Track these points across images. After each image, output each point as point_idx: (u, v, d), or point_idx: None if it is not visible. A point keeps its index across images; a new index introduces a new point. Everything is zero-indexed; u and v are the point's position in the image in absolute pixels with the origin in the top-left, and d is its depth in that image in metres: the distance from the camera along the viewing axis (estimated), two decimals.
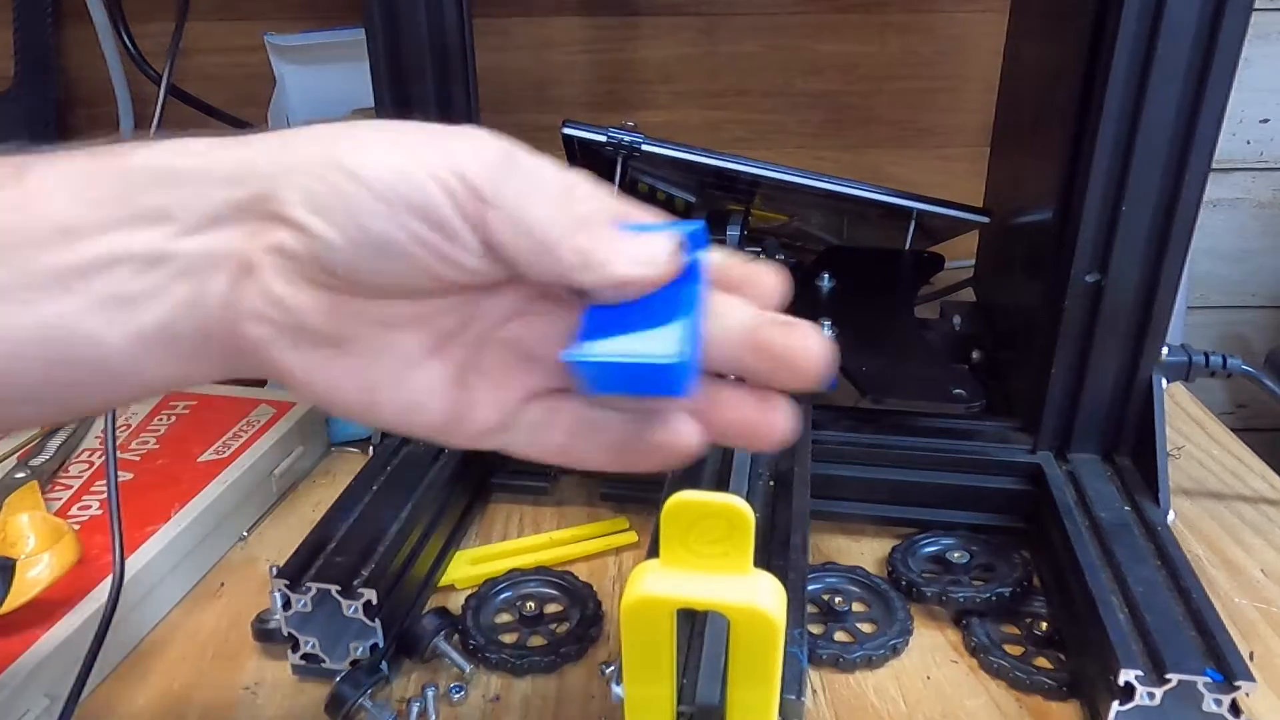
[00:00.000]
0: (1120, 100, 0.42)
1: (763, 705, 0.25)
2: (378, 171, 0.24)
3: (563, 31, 0.86)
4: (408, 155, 0.24)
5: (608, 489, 0.54)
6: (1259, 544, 0.50)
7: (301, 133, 0.26)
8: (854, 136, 0.90)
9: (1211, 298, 0.98)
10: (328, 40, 0.79)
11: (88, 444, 0.56)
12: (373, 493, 0.47)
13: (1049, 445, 0.50)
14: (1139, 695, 0.34)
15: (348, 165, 0.24)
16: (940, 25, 0.86)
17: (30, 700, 0.38)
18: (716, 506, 0.22)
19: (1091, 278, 0.46)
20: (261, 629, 0.42)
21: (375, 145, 0.25)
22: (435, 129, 0.26)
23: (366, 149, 0.25)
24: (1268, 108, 0.90)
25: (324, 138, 0.25)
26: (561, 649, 0.42)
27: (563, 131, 0.59)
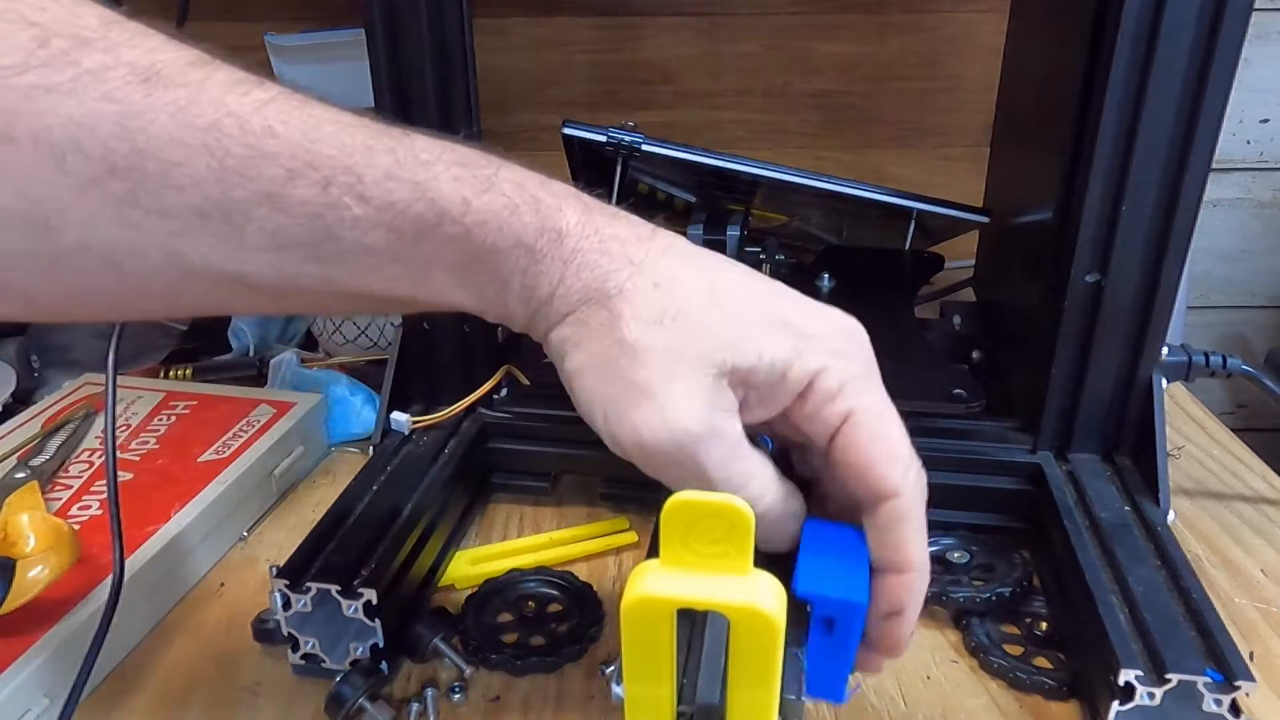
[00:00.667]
0: (1120, 100, 0.42)
1: (763, 705, 0.25)
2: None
3: (563, 31, 0.86)
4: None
5: (608, 489, 0.54)
6: (1259, 544, 0.50)
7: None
8: (854, 136, 0.90)
9: (1211, 298, 0.98)
10: (328, 40, 0.79)
11: (88, 444, 0.56)
12: (373, 493, 0.47)
13: (1049, 445, 0.50)
14: (1139, 695, 0.34)
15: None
16: (940, 25, 0.86)
17: (30, 700, 0.38)
18: (716, 506, 0.22)
19: (1091, 278, 0.46)
20: (261, 629, 0.42)
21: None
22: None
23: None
24: (1268, 108, 0.90)
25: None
26: (561, 649, 0.42)
27: (563, 131, 0.59)
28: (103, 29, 0.25)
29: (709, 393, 0.28)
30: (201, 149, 0.25)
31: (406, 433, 0.52)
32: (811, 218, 0.74)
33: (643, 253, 0.29)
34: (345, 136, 0.27)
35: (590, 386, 0.29)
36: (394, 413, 0.53)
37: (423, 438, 0.52)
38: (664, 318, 0.28)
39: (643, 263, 0.29)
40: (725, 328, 0.29)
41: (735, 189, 0.67)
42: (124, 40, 0.25)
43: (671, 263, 0.30)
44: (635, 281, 0.29)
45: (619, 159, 0.59)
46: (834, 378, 0.29)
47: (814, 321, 0.30)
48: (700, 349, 0.28)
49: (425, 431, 0.53)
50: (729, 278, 0.30)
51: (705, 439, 0.28)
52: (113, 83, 0.24)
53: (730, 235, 0.65)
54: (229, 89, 0.26)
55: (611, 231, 0.29)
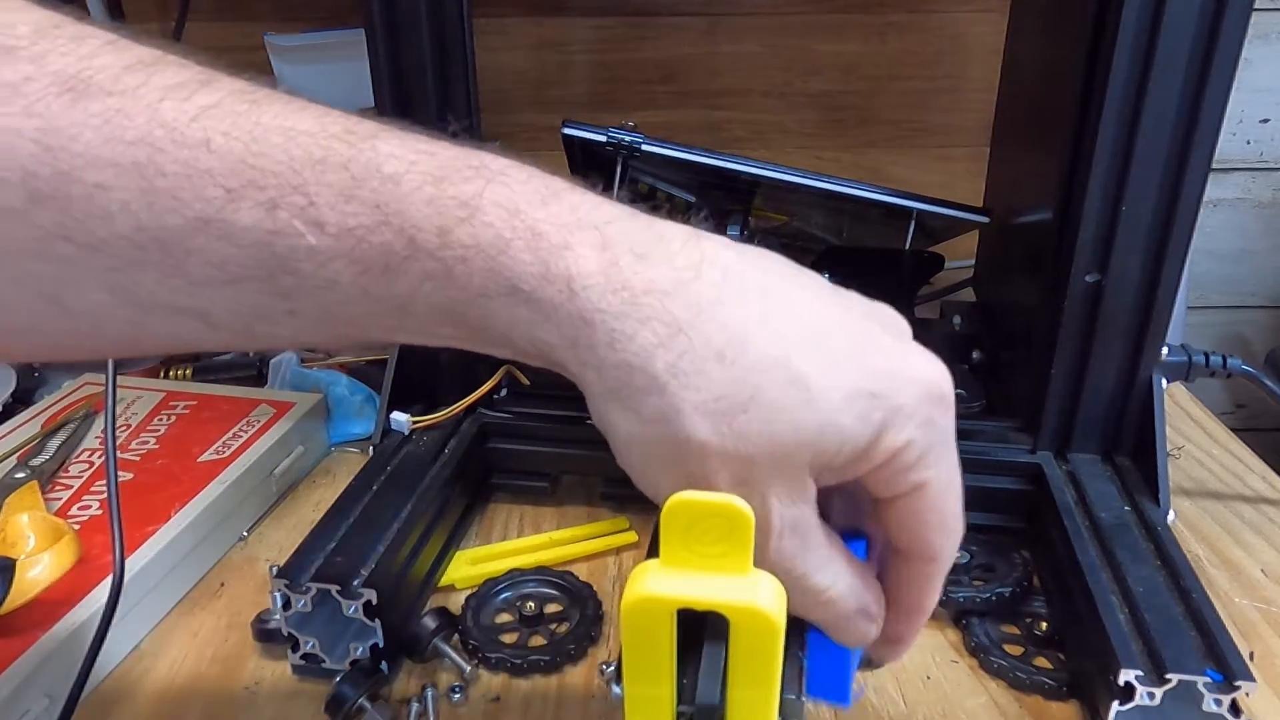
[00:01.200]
0: (1120, 100, 0.42)
1: (763, 705, 0.25)
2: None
3: (563, 31, 0.86)
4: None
5: (608, 489, 0.54)
6: (1259, 544, 0.50)
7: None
8: (854, 136, 0.90)
9: (1211, 298, 0.98)
10: (328, 40, 0.79)
11: (88, 444, 0.56)
12: (373, 493, 0.47)
13: (1049, 445, 0.50)
14: (1139, 695, 0.34)
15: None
16: (940, 25, 0.86)
17: (30, 700, 0.38)
18: (716, 506, 0.22)
19: (1091, 278, 0.46)
20: (261, 629, 0.42)
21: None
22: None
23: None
24: (1268, 108, 0.90)
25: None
26: (561, 649, 0.42)
27: (563, 131, 0.59)
28: (33, 37, 0.22)
29: (788, 493, 0.25)
30: (131, 168, 0.21)
31: (406, 433, 0.52)
32: (811, 218, 0.74)
33: (692, 305, 0.23)
34: (294, 147, 0.22)
35: (649, 470, 0.26)
36: (394, 413, 0.53)
37: (423, 438, 0.52)
38: (735, 410, 0.23)
39: (695, 322, 0.23)
40: (809, 414, 0.24)
41: (735, 189, 0.67)
42: (54, 47, 0.22)
43: (731, 313, 0.24)
44: (691, 358, 0.23)
45: (619, 159, 0.59)
46: (915, 451, 0.25)
47: (903, 386, 0.25)
48: (783, 451, 0.24)
49: (425, 431, 0.53)
50: (803, 321, 0.25)
51: (782, 535, 0.25)
52: (32, 95, 0.21)
53: (730, 235, 0.65)
54: (166, 94, 0.22)
55: (645, 280, 0.23)
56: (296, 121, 0.23)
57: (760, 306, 0.24)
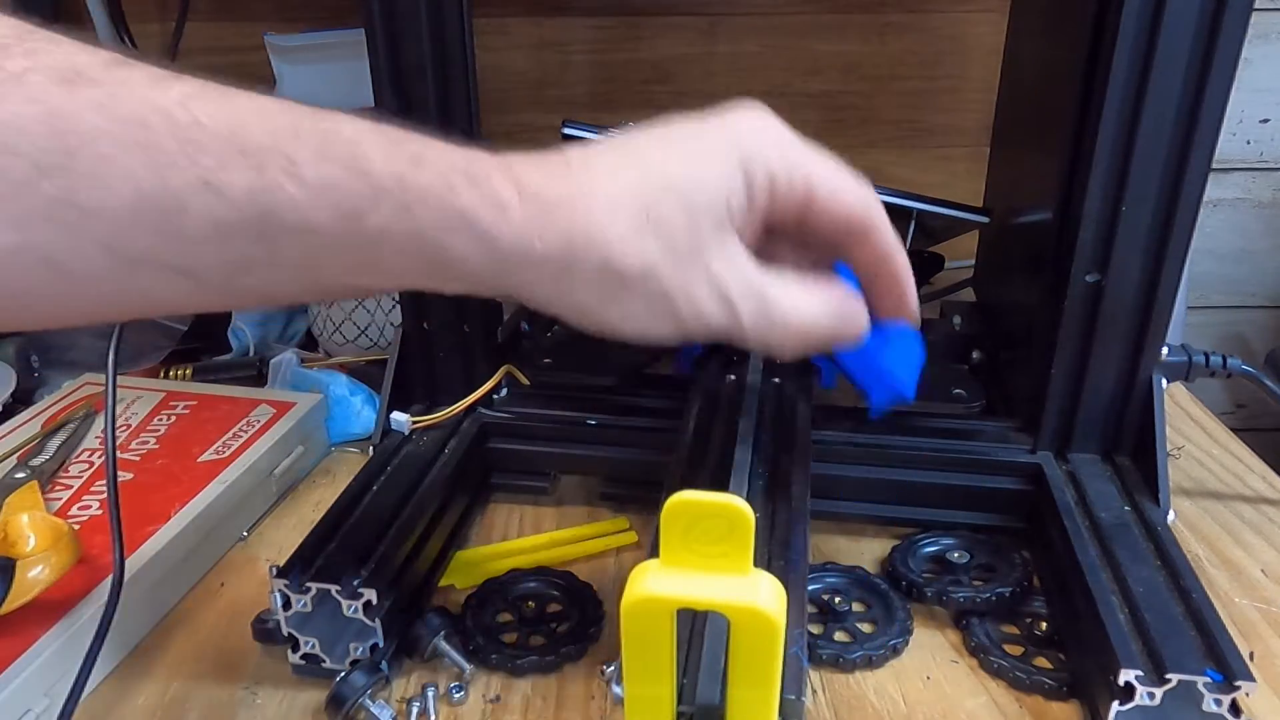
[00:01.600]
0: (1120, 100, 0.42)
1: (763, 705, 0.25)
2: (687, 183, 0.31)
3: (563, 31, 0.86)
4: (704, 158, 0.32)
5: (608, 489, 0.54)
6: (1259, 544, 0.50)
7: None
8: (854, 136, 0.90)
9: (1211, 298, 0.98)
10: (328, 40, 0.79)
11: (88, 444, 0.56)
12: (373, 493, 0.47)
13: (1049, 445, 0.50)
14: (1139, 695, 0.34)
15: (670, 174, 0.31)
16: (940, 25, 0.86)
17: (30, 700, 0.38)
18: (716, 506, 0.22)
19: (1091, 278, 0.46)
20: (261, 629, 0.42)
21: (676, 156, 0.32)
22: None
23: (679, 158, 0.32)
24: (1268, 108, 0.90)
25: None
26: (561, 649, 0.42)
27: (563, 131, 0.59)
28: (19, 38, 0.25)
29: (723, 256, 0.32)
30: (132, 144, 0.25)
31: (406, 433, 0.52)
32: None
33: (584, 178, 0.30)
34: (270, 123, 0.27)
35: (632, 312, 0.31)
36: (394, 413, 0.53)
37: (423, 438, 0.52)
38: (646, 223, 0.30)
39: (590, 186, 0.30)
40: (699, 195, 0.31)
41: None
42: (39, 47, 0.25)
43: (604, 172, 0.31)
44: (597, 213, 0.30)
45: None
46: (783, 165, 0.32)
47: (742, 138, 0.32)
48: (694, 225, 0.31)
49: (425, 431, 0.53)
50: (653, 151, 0.32)
51: (743, 298, 0.32)
52: (34, 85, 0.24)
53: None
54: (151, 86, 0.26)
55: (540, 179, 0.30)
56: (266, 105, 0.27)
57: (621, 156, 0.31)
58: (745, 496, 0.32)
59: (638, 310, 0.31)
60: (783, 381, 0.51)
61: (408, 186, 0.28)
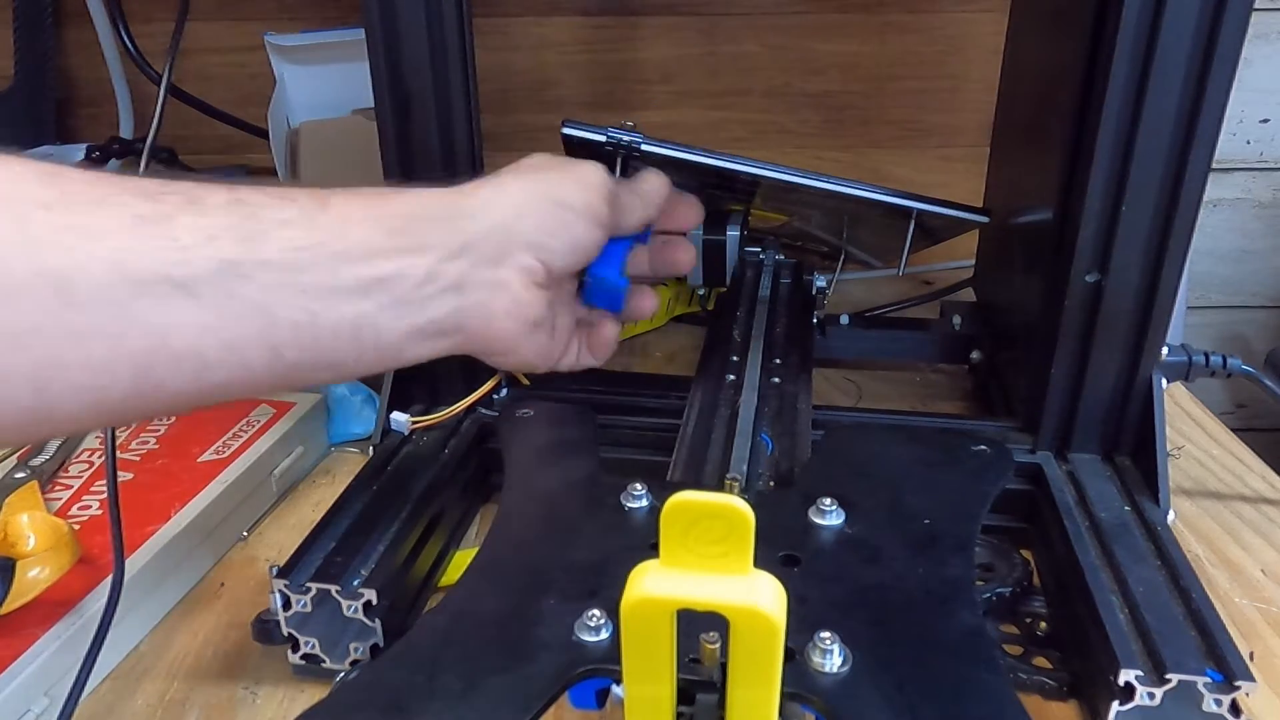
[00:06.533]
0: (1120, 100, 0.42)
1: (763, 705, 0.25)
2: (568, 197, 0.39)
3: (563, 31, 0.87)
4: (569, 183, 0.40)
5: None
6: (1259, 544, 0.50)
7: (499, 182, 0.39)
8: (854, 136, 0.90)
9: (1211, 298, 0.98)
10: (328, 40, 0.79)
11: (88, 444, 0.55)
12: (373, 493, 0.47)
13: (1049, 445, 0.50)
14: (1139, 695, 0.34)
15: (555, 199, 0.39)
16: (940, 25, 0.86)
17: (30, 700, 0.38)
18: (716, 507, 0.22)
19: (1091, 278, 0.46)
20: (261, 629, 0.42)
21: (551, 181, 0.39)
22: (558, 164, 0.41)
23: (552, 184, 0.39)
24: (1268, 108, 0.90)
25: (517, 184, 0.39)
26: None
27: (562, 131, 0.59)
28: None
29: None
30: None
31: (406, 433, 0.52)
32: (811, 218, 0.74)
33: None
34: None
35: (516, 337, 0.39)
36: (394, 413, 0.53)
37: (423, 438, 0.52)
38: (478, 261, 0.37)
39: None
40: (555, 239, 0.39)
41: (735, 189, 0.67)
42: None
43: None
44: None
45: (619, 159, 0.59)
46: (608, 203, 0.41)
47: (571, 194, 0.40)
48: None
49: (425, 431, 0.53)
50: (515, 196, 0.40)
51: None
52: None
53: (730, 235, 0.65)
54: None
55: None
56: None
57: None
58: (745, 496, 0.32)
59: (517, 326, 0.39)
60: (783, 381, 0.51)
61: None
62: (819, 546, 0.36)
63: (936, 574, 0.35)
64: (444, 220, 0.36)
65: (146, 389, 0.30)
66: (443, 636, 0.32)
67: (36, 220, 0.27)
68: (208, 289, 0.30)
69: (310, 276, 0.33)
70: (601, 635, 0.31)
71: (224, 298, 0.31)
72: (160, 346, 0.30)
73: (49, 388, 0.28)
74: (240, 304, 0.31)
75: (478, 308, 0.37)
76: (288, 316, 0.32)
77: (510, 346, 0.39)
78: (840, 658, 0.29)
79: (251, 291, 0.31)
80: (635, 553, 0.28)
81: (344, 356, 0.34)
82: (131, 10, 0.84)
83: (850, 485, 0.40)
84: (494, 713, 0.28)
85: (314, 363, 0.34)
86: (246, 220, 0.32)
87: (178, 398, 0.31)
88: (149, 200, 0.30)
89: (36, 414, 0.28)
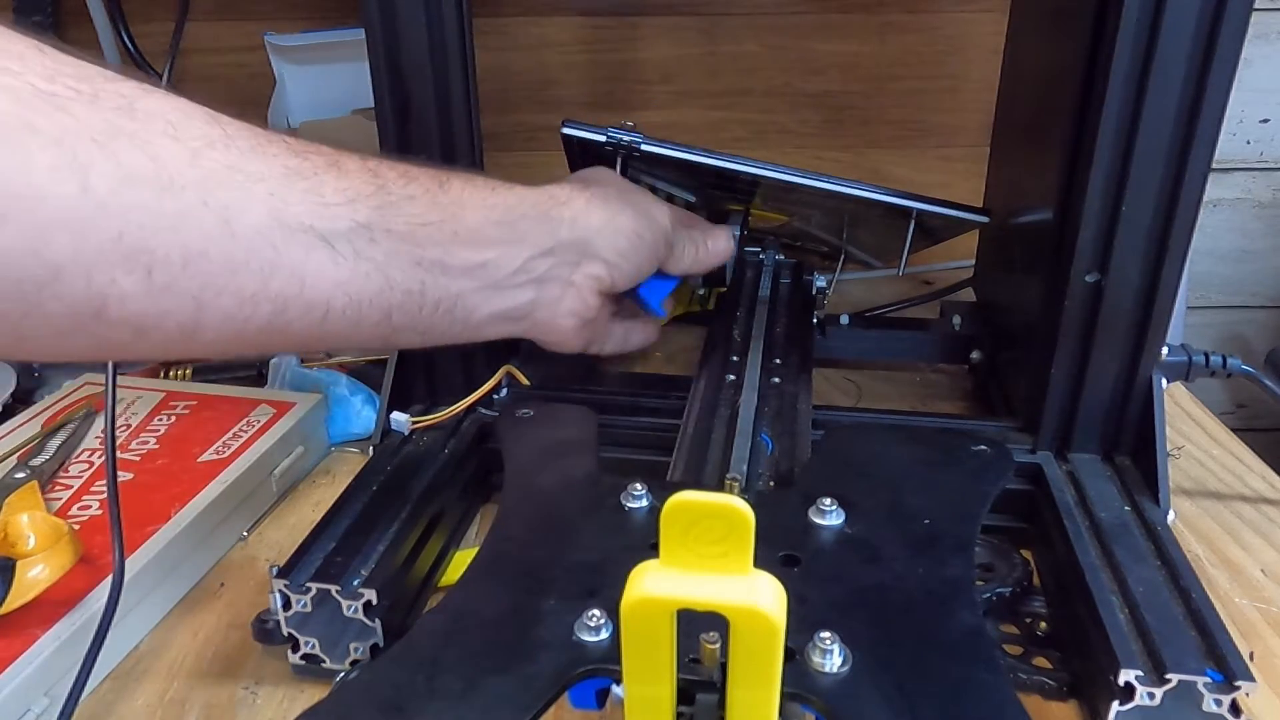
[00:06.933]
0: (1120, 100, 0.42)
1: (763, 705, 0.25)
2: (643, 231, 0.45)
3: (563, 31, 0.87)
4: (646, 218, 0.46)
5: None
6: (1259, 544, 0.50)
7: (589, 199, 0.44)
8: (854, 136, 0.90)
9: (1211, 298, 0.98)
10: (328, 40, 0.79)
11: (88, 444, 0.56)
12: (373, 493, 0.47)
13: (1049, 445, 0.50)
14: (1139, 695, 0.34)
15: (632, 229, 0.45)
16: (940, 25, 0.86)
17: (30, 700, 0.38)
18: (716, 507, 0.22)
19: (1091, 278, 0.46)
20: (261, 629, 0.42)
21: (632, 214, 0.45)
22: (637, 199, 0.47)
23: (633, 217, 0.45)
24: (1268, 108, 0.90)
25: (604, 208, 0.44)
26: None
27: (562, 131, 0.59)
28: None
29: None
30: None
31: (406, 433, 0.52)
32: (811, 218, 0.74)
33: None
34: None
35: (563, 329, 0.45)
36: (394, 413, 0.53)
37: (423, 438, 0.52)
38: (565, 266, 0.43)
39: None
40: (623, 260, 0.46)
41: (735, 189, 0.67)
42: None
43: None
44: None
45: (619, 159, 0.59)
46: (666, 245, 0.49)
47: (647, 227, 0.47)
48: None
49: (425, 431, 0.53)
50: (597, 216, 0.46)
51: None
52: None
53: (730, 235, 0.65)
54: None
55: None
56: None
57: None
58: (744, 496, 0.32)
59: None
60: (783, 381, 0.51)
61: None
62: (819, 546, 0.36)
63: (936, 574, 0.35)
64: (540, 221, 0.41)
65: (278, 326, 0.33)
66: (443, 636, 0.32)
67: (206, 156, 0.30)
68: (344, 246, 0.33)
69: (428, 251, 0.36)
70: (601, 635, 0.30)
71: (354, 257, 0.33)
72: (298, 293, 0.32)
73: (205, 310, 0.30)
74: (368, 264, 0.34)
75: (550, 302, 0.43)
76: (403, 283, 0.36)
77: (564, 338, 0.45)
78: (840, 658, 0.29)
79: (378, 254, 0.34)
80: (635, 553, 0.28)
81: (438, 326, 0.38)
82: (131, 10, 0.84)
83: (850, 485, 0.39)
84: (494, 713, 0.28)
85: (412, 327, 0.37)
86: (378, 190, 0.35)
87: (297, 339, 0.34)
88: (296, 156, 0.33)
89: (188, 333, 0.31)
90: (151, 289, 0.29)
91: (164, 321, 0.30)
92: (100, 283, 0.28)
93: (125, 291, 0.28)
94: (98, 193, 0.27)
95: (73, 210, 0.27)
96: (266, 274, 0.31)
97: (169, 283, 0.29)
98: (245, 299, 0.31)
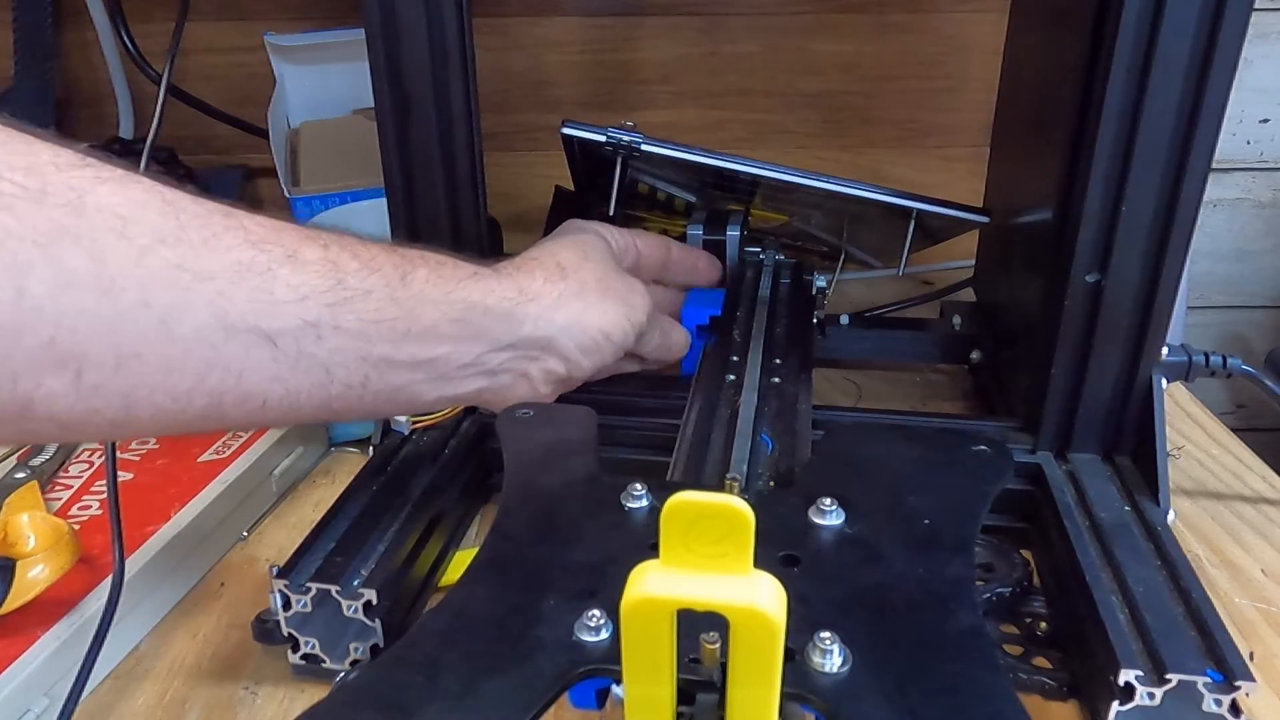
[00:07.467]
0: (1120, 100, 0.42)
1: (763, 705, 0.25)
2: (612, 331, 0.46)
3: (563, 31, 0.87)
4: (617, 317, 0.46)
5: None
6: (1259, 544, 0.50)
7: (560, 294, 0.44)
8: (854, 136, 0.90)
9: (1211, 298, 0.98)
10: (328, 40, 0.79)
11: (88, 444, 0.55)
12: (373, 493, 0.47)
13: (1049, 445, 0.50)
14: (1139, 695, 0.34)
15: (598, 329, 0.45)
16: (940, 25, 0.86)
17: (30, 700, 0.38)
18: (716, 507, 0.22)
19: (1091, 278, 0.46)
20: (261, 629, 0.42)
21: (603, 312, 0.46)
22: (615, 291, 0.47)
23: (603, 315, 0.45)
24: (1268, 108, 0.90)
25: (574, 305, 0.44)
26: None
27: (562, 131, 0.59)
28: None
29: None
30: None
31: (406, 433, 0.52)
32: (811, 218, 0.74)
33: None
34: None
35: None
36: None
37: (423, 438, 0.52)
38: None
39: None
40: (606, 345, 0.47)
41: (735, 189, 0.67)
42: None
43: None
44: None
45: (619, 159, 0.59)
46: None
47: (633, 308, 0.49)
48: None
49: (425, 431, 0.53)
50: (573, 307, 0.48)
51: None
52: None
53: (730, 235, 0.65)
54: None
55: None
56: None
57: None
58: (744, 496, 0.32)
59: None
60: (783, 381, 0.51)
61: None
62: (819, 546, 0.36)
63: (936, 574, 0.35)
64: (502, 318, 0.41)
65: (212, 416, 0.33)
66: (443, 636, 0.32)
67: (154, 255, 0.29)
68: (288, 343, 0.33)
69: (376, 348, 0.36)
70: (601, 635, 0.30)
71: (297, 354, 0.34)
72: (234, 387, 0.33)
73: (136, 406, 0.30)
74: (308, 361, 0.34)
75: (500, 389, 0.44)
76: (344, 379, 0.36)
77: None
78: (840, 658, 0.29)
79: (321, 351, 0.34)
80: (635, 553, 0.28)
81: (382, 409, 0.40)
82: (131, 10, 0.84)
83: (850, 485, 0.39)
84: (494, 713, 0.28)
85: (354, 410, 0.38)
86: (335, 286, 0.35)
87: (236, 424, 0.35)
88: (252, 248, 0.32)
89: (119, 425, 0.31)
90: (80, 389, 0.29)
91: (92, 418, 0.30)
92: (26, 386, 0.27)
93: (53, 392, 0.28)
94: (33, 297, 0.26)
95: (5, 316, 0.26)
96: (202, 372, 0.31)
97: (99, 383, 0.29)
98: (179, 395, 0.31)
